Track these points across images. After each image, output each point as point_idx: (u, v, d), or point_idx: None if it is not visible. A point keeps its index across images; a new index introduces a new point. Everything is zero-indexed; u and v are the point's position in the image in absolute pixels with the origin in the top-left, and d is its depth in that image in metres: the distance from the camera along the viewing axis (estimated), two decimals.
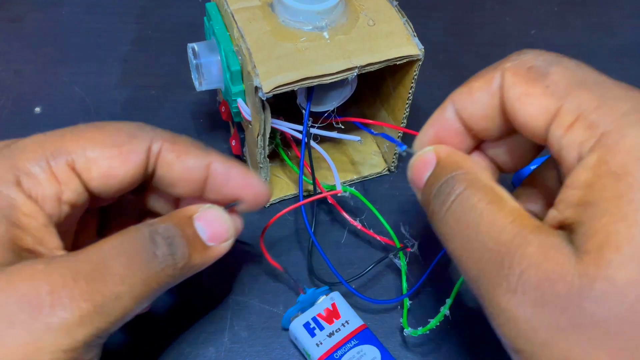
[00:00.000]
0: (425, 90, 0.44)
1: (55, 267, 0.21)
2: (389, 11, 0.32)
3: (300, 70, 0.29)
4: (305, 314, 0.31)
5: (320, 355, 0.29)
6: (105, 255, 0.22)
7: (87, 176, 0.24)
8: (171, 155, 0.25)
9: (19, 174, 0.22)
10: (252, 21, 0.31)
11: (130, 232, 0.23)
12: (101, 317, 0.21)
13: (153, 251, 0.23)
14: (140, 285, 0.22)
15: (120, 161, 0.24)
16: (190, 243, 0.24)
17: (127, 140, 0.24)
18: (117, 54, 0.45)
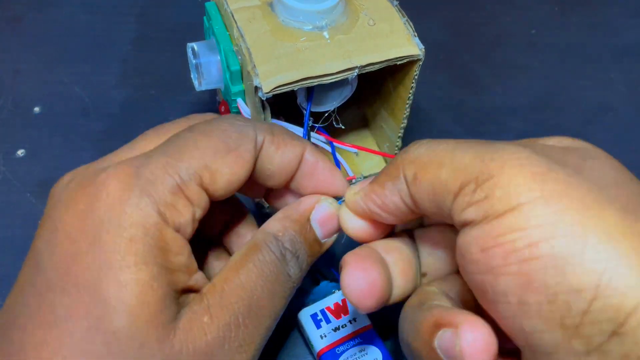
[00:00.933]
0: (425, 90, 0.44)
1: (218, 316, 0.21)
2: (389, 11, 0.32)
3: (300, 70, 0.29)
4: (315, 304, 0.31)
5: (322, 347, 0.29)
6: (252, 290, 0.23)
7: (213, 188, 0.23)
8: (272, 147, 0.25)
9: (161, 208, 0.21)
10: (252, 21, 0.31)
11: (262, 254, 0.23)
12: (259, 351, 0.23)
13: (287, 272, 0.24)
14: (280, 310, 0.24)
15: (239, 166, 0.23)
16: (310, 247, 0.25)
17: (238, 141, 0.23)
18: (117, 54, 0.45)
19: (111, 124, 0.41)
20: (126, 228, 0.20)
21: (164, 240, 0.21)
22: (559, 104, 0.45)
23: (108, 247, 0.20)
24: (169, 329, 0.20)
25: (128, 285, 0.20)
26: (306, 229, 0.25)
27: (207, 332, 0.21)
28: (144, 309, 0.20)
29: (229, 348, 0.21)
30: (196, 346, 0.21)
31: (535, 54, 0.48)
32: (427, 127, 0.42)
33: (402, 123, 0.35)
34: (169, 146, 0.23)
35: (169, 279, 0.21)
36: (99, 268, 0.20)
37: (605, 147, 0.41)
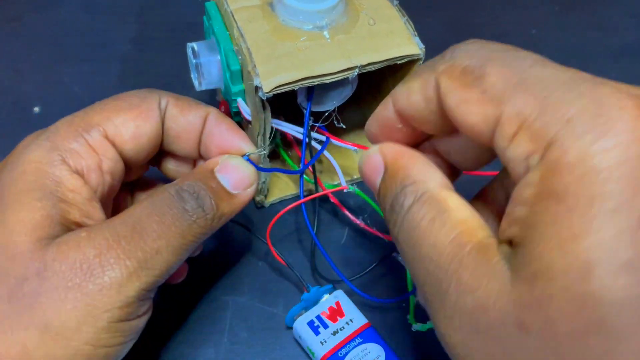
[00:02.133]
0: None
1: (97, 233, 0.22)
2: (390, 10, 0.32)
3: (300, 69, 0.29)
4: (309, 312, 0.31)
5: (324, 353, 0.29)
6: (139, 217, 0.23)
7: (119, 141, 0.25)
8: (175, 109, 0.27)
9: (61, 152, 0.24)
10: (252, 21, 0.31)
11: (158, 193, 0.25)
12: (147, 271, 0.23)
13: (182, 206, 0.24)
14: (177, 238, 0.24)
15: (142, 119, 0.26)
16: (216, 194, 0.26)
17: (141, 102, 0.26)
18: (117, 54, 0.45)
19: None
20: (21, 164, 0.23)
21: (57, 175, 0.23)
22: None
23: (4, 180, 0.23)
24: (43, 243, 0.22)
25: (11, 206, 0.22)
26: (208, 177, 0.26)
27: (81, 245, 0.22)
28: (20, 225, 0.22)
29: (104, 259, 0.22)
30: (69, 256, 0.22)
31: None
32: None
33: None
34: (79, 112, 0.26)
35: (56, 205, 0.23)
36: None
37: None
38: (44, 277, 0.21)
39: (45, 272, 0.21)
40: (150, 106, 0.26)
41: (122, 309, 0.22)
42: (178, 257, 0.24)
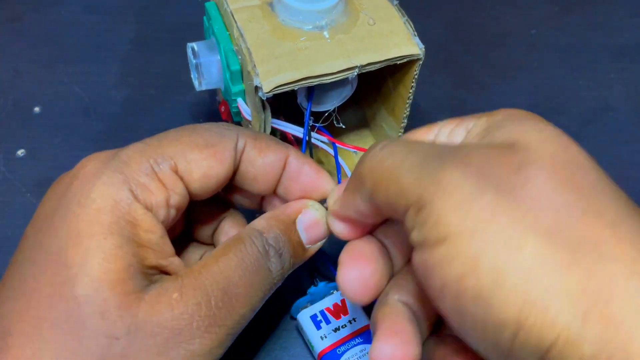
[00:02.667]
0: (425, 90, 0.44)
1: (189, 296, 0.21)
2: (389, 10, 0.32)
3: (300, 69, 0.29)
4: (314, 306, 0.31)
5: (322, 348, 0.29)
6: (230, 278, 0.23)
7: (188, 178, 0.24)
8: (254, 151, 0.26)
9: (133, 186, 0.22)
10: (252, 20, 0.31)
11: (245, 246, 0.24)
12: (231, 337, 0.23)
13: (268, 267, 0.24)
14: (258, 302, 0.24)
15: (216, 160, 0.24)
16: (294, 249, 0.26)
17: (218, 140, 0.25)
18: (117, 54, 0.45)
19: (111, 124, 0.41)
20: (95, 200, 0.21)
21: (132, 215, 0.22)
22: (558, 104, 0.45)
23: (76, 218, 0.21)
24: (132, 298, 0.21)
25: (91, 252, 0.20)
26: (292, 230, 0.26)
27: (174, 308, 0.21)
28: (106, 276, 0.20)
29: (197, 327, 0.21)
30: (161, 319, 0.21)
31: (535, 54, 0.48)
32: None
33: (403, 122, 0.35)
34: (152, 139, 0.24)
35: (135, 251, 0.21)
36: (66, 237, 0.21)
37: (605, 147, 0.42)
38: (136, 337, 0.20)
39: (137, 332, 0.20)
40: (226, 146, 0.25)
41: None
42: (253, 315, 0.24)
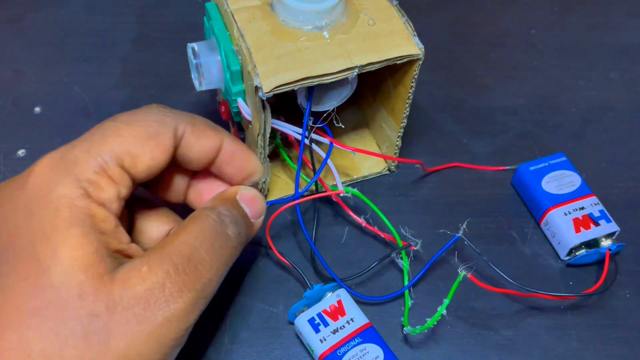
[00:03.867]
0: (425, 90, 0.44)
1: (158, 267, 0.23)
2: (389, 10, 0.32)
3: (300, 69, 0.29)
4: (311, 309, 0.31)
5: (323, 351, 0.29)
6: (193, 246, 0.25)
7: (134, 171, 0.25)
8: (192, 137, 0.28)
9: (84, 185, 0.24)
10: (252, 21, 0.31)
11: (202, 219, 0.26)
12: (202, 300, 0.25)
13: (226, 232, 0.26)
14: (223, 265, 0.26)
15: (159, 150, 0.26)
16: (245, 219, 0.28)
17: (158, 128, 0.26)
18: (117, 54, 0.45)
19: None
20: (52, 200, 0.23)
21: (89, 208, 0.23)
22: (558, 104, 0.45)
23: (39, 217, 0.23)
24: (105, 279, 0.22)
25: (60, 244, 0.22)
26: (236, 205, 0.28)
27: (145, 279, 0.23)
28: (77, 262, 0.22)
29: (169, 292, 0.23)
30: (135, 292, 0.23)
31: (535, 54, 0.48)
32: (427, 126, 0.42)
33: (402, 122, 0.35)
34: (93, 134, 0.25)
35: (99, 238, 0.23)
36: (32, 235, 0.22)
37: (605, 147, 0.42)
38: (115, 311, 0.22)
39: (115, 307, 0.22)
40: (167, 135, 0.26)
41: (183, 336, 0.24)
42: (221, 280, 0.26)
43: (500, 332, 0.32)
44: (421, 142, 0.41)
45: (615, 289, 0.34)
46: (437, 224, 0.36)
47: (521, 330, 0.32)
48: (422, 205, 0.38)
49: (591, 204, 0.35)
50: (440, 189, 0.39)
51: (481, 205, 0.38)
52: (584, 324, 0.33)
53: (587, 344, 0.32)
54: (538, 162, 0.38)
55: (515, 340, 0.32)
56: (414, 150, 0.40)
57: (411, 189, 0.38)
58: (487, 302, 0.33)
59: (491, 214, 0.37)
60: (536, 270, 0.35)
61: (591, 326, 0.33)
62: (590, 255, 0.34)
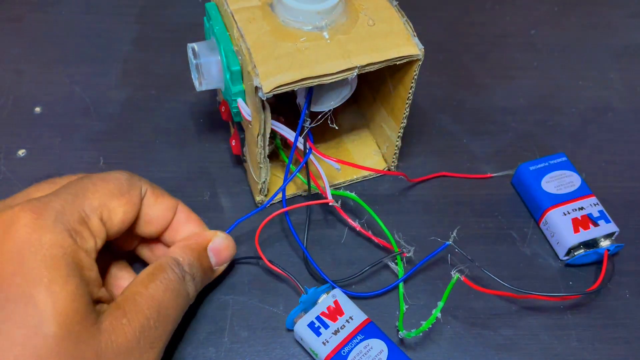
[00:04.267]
0: (425, 90, 0.44)
1: (134, 320, 0.26)
2: (389, 11, 0.32)
3: (300, 70, 0.29)
4: (309, 313, 0.31)
5: (327, 353, 0.29)
6: (161, 301, 0.27)
7: (110, 224, 0.28)
8: (152, 198, 0.30)
9: (72, 234, 0.25)
10: (252, 21, 0.31)
11: (168, 273, 0.28)
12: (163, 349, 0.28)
13: (186, 289, 0.29)
14: (179, 318, 0.29)
15: (130, 206, 0.28)
16: (204, 272, 0.31)
17: (129, 187, 0.29)
18: (117, 54, 0.45)
19: (112, 124, 0.41)
20: (47, 248, 0.24)
21: (78, 259, 0.25)
22: (558, 104, 0.45)
23: (35, 265, 0.23)
24: (94, 329, 0.24)
25: (59, 295, 0.23)
26: (203, 257, 0.31)
27: (126, 332, 0.25)
28: (74, 314, 0.23)
29: (143, 344, 0.26)
30: (119, 343, 0.25)
31: (535, 54, 0.48)
32: (427, 127, 0.42)
33: (402, 123, 0.35)
34: (73, 187, 0.27)
35: (87, 289, 0.25)
36: (30, 283, 0.23)
37: (604, 147, 0.42)
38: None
39: (102, 358, 0.24)
40: (136, 192, 0.29)
41: None
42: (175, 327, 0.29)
43: (499, 332, 0.32)
44: (421, 142, 0.41)
45: (615, 288, 0.34)
46: (437, 224, 0.36)
47: (521, 330, 0.32)
48: (421, 206, 0.38)
49: (590, 205, 0.35)
50: (440, 189, 0.39)
51: (481, 206, 0.38)
52: (584, 324, 0.33)
53: (587, 343, 0.32)
54: (538, 162, 0.38)
55: (515, 340, 0.32)
56: (414, 150, 0.40)
57: (411, 188, 0.39)
58: (486, 302, 0.33)
59: (491, 214, 0.37)
60: (535, 270, 0.35)
61: (591, 326, 0.33)
62: (589, 255, 0.34)
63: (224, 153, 0.40)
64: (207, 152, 0.40)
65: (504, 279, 0.31)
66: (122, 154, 0.39)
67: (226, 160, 0.39)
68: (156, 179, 0.37)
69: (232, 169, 0.39)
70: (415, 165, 0.40)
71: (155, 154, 0.39)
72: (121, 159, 0.39)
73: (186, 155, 0.39)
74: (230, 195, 0.38)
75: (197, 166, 0.39)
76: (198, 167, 0.39)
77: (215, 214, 0.36)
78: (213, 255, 0.31)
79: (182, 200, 0.32)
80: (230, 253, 0.32)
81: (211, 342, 0.31)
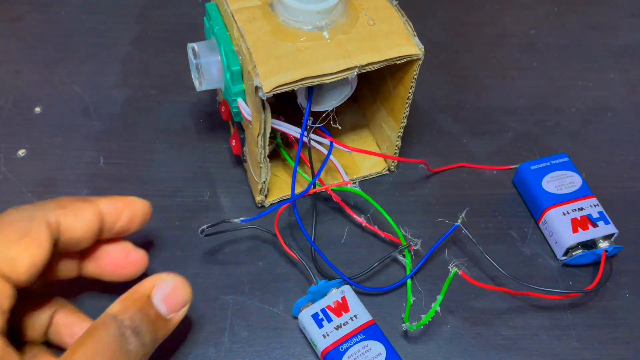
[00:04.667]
0: (425, 90, 0.44)
1: None
2: (389, 11, 0.32)
3: (300, 69, 0.29)
4: (315, 304, 0.31)
5: (326, 346, 0.29)
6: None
7: (15, 276, 0.24)
8: (68, 218, 0.27)
9: None
10: (252, 21, 0.31)
11: (99, 333, 0.25)
12: None
13: (126, 347, 0.25)
14: None
15: (36, 246, 0.25)
16: (153, 324, 0.26)
17: (29, 225, 0.25)
18: (117, 54, 0.45)
19: (112, 124, 0.41)
20: None
21: None
22: (558, 104, 0.45)
23: None
24: None
25: None
26: (148, 306, 0.27)
27: None
28: None
29: None
30: None
31: (535, 54, 0.48)
32: (427, 127, 0.42)
33: (402, 122, 0.35)
34: None
35: None
36: None
37: (604, 147, 0.42)
38: None
39: None
40: (40, 228, 0.25)
41: None
42: None
43: (500, 332, 0.32)
44: (421, 142, 0.41)
45: (615, 288, 0.34)
46: (438, 224, 0.36)
47: (521, 330, 0.32)
48: (421, 205, 0.38)
49: (590, 205, 0.35)
50: (440, 189, 0.39)
51: (481, 205, 0.38)
52: (584, 324, 0.33)
53: (587, 343, 0.32)
54: (540, 162, 0.38)
55: (515, 340, 0.32)
56: (414, 150, 0.40)
57: (411, 189, 0.39)
58: (487, 302, 0.33)
59: (491, 214, 0.37)
60: (535, 269, 0.35)
61: (591, 326, 0.33)
62: (587, 256, 0.34)
63: (224, 153, 0.40)
64: (207, 152, 0.40)
65: (504, 278, 0.31)
66: (122, 154, 0.39)
67: (226, 160, 0.39)
68: (156, 179, 0.37)
69: (232, 169, 0.39)
70: (415, 165, 0.40)
71: (155, 154, 0.39)
72: (121, 159, 0.39)
73: (186, 155, 0.39)
74: (230, 195, 0.38)
75: (197, 166, 0.39)
76: (198, 167, 0.39)
77: (215, 214, 0.36)
78: (161, 302, 0.27)
79: (182, 200, 0.32)
80: (182, 297, 0.28)
81: (211, 342, 0.31)
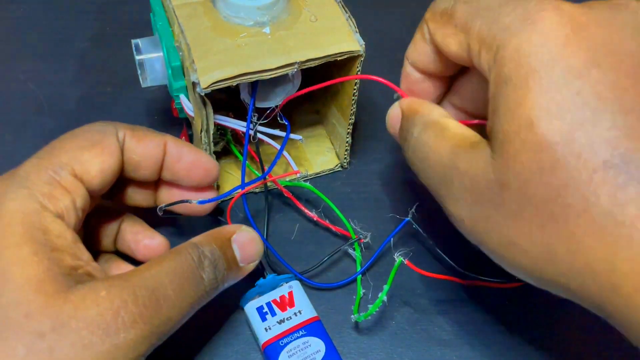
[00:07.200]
0: (383, 87, 0.44)
1: (116, 294, 0.23)
2: (332, 7, 0.32)
3: (238, 65, 0.29)
4: (262, 297, 0.31)
5: (266, 340, 0.30)
6: (161, 281, 0.24)
7: (87, 178, 0.26)
8: (133, 140, 0.28)
9: (39, 197, 0.24)
10: (193, 17, 0.30)
11: (181, 256, 0.26)
12: (157, 335, 0.24)
13: (201, 275, 0.26)
14: (188, 307, 0.25)
15: (106, 154, 0.27)
16: (229, 265, 0.27)
17: (101, 136, 0.27)
18: (74, 51, 0.45)
19: (66, 121, 0.41)
20: (4, 215, 0.23)
21: (42, 224, 0.23)
22: None
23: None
24: (56, 297, 0.22)
25: (10, 261, 0.22)
26: (227, 247, 0.28)
27: (99, 304, 0.22)
28: (27, 281, 0.22)
29: (122, 322, 0.23)
30: (86, 315, 0.22)
31: None
32: (382, 123, 0.42)
33: (350, 119, 0.35)
34: (41, 151, 0.26)
35: (50, 256, 0.23)
36: None
37: None
38: (61, 333, 0.22)
39: (62, 328, 0.22)
40: (110, 140, 0.27)
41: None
42: (183, 321, 0.26)
43: (444, 327, 0.32)
44: (375, 138, 0.41)
45: None
46: (389, 219, 0.36)
47: (464, 326, 0.32)
48: (373, 201, 0.38)
49: None
50: (393, 185, 0.39)
51: (433, 200, 0.38)
52: (528, 319, 0.33)
53: (532, 334, 0.32)
54: None
55: (459, 334, 0.32)
56: (369, 147, 0.40)
57: (363, 185, 0.38)
58: (437, 295, 0.33)
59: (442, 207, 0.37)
60: (489, 261, 0.35)
61: (534, 317, 0.33)
62: None
63: None
64: None
65: (453, 269, 0.31)
66: None
67: None
68: None
69: None
70: (371, 161, 0.40)
71: None
72: None
73: None
74: None
75: None
76: None
77: None
78: (237, 248, 0.28)
79: None
80: (257, 248, 0.29)
81: None
